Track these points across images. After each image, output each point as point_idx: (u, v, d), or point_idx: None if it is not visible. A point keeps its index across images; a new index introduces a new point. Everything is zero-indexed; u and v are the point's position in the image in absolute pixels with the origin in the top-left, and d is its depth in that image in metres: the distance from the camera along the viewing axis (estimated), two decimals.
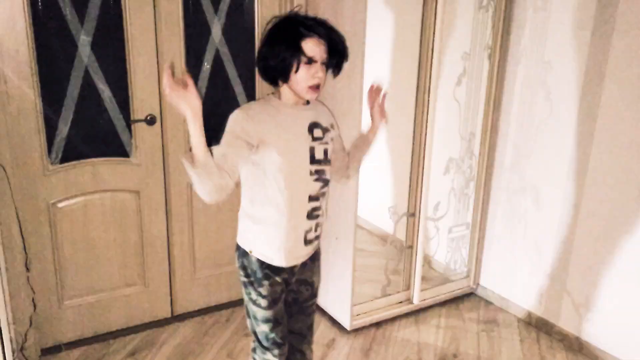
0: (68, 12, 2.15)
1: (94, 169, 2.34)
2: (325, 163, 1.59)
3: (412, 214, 2.74)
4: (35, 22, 2.10)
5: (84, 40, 2.20)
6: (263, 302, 1.63)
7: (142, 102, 2.37)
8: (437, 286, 2.93)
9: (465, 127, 2.88)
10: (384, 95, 1.73)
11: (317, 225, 1.63)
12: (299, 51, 1.41)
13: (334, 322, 2.71)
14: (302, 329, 1.79)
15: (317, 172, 1.55)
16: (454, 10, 2.71)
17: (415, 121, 2.63)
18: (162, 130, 2.45)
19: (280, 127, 1.49)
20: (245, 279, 1.64)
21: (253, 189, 1.55)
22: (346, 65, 2.41)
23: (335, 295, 2.65)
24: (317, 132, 1.56)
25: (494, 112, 2.80)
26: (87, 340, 2.49)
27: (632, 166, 2.25)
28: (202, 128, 1.33)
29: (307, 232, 1.60)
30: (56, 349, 2.42)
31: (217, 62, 2.53)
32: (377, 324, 2.71)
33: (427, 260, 2.99)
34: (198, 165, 1.34)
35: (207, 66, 2.51)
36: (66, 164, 2.29)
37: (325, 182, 1.60)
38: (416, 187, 2.69)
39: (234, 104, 2.63)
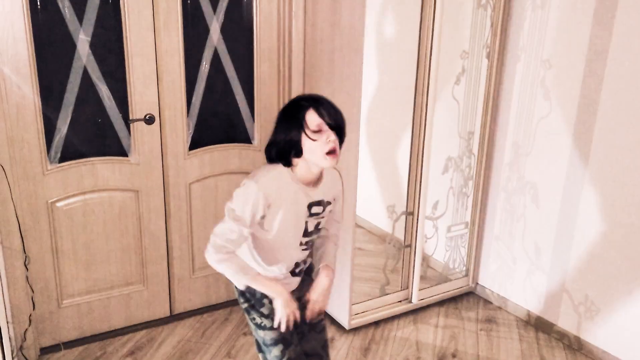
0: (67, 11, 2.16)
1: (93, 169, 2.35)
2: (316, 233, 1.63)
3: (411, 213, 2.74)
4: (34, 21, 2.11)
5: (82, 40, 2.21)
6: (268, 323, 1.61)
7: (140, 101, 2.37)
8: (435, 285, 2.93)
9: (464, 126, 2.88)
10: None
11: (304, 262, 1.67)
12: (305, 124, 1.44)
13: (332, 321, 2.71)
14: (316, 348, 1.75)
15: (306, 243, 1.61)
16: (452, 9, 2.70)
17: (413, 120, 2.63)
18: (160, 130, 2.46)
19: (285, 204, 1.51)
20: (246, 305, 1.64)
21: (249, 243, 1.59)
22: (345, 66, 2.42)
23: (334, 294, 2.63)
24: (316, 209, 1.57)
25: (493, 111, 2.80)
26: (86, 339, 2.49)
27: (631, 165, 2.25)
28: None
29: (294, 269, 1.65)
30: (55, 348, 2.42)
31: (216, 61, 2.53)
32: (376, 323, 2.71)
33: (425, 259, 2.99)
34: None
35: (205, 65, 2.51)
36: (65, 163, 2.29)
37: (311, 248, 1.67)
38: (415, 186, 2.69)
39: (232, 103, 2.64)
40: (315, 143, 1.44)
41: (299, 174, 1.51)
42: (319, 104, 1.46)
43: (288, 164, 1.50)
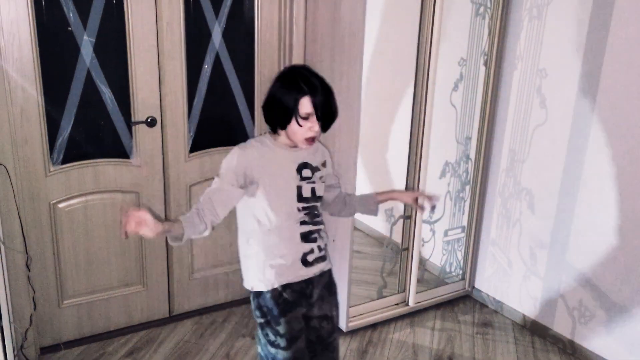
0: (71, 15, 2.19)
1: (95, 170, 2.37)
2: (314, 200, 1.64)
3: (408, 217, 2.77)
4: (39, 24, 2.14)
5: (86, 43, 2.24)
6: (282, 342, 1.61)
7: (142, 104, 2.40)
8: (432, 289, 2.96)
9: (462, 132, 2.91)
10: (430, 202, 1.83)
11: (318, 248, 1.66)
12: (297, 107, 1.50)
13: None
14: None
15: (304, 208, 1.61)
16: (451, 17, 2.74)
17: (412, 125, 2.66)
18: (162, 132, 2.49)
19: (271, 166, 1.57)
20: (262, 320, 1.64)
21: (247, 228, 1.62)
22: (343, 71, 2.45)
23: None
24: (306, 172, 1.62)
25: (490, 117, 2.84)
26: (86, 340, 2.51)
27: (625, 171, 2.28)
28: (161, 224, 1.39)
29: (305, 254, 1.63)
30: (55, 347, 2.44)
31: (217, 65, 2.56)
32: (373, 326, 2.74)
33: (422, 263, 3.02)
34: (183, 237, 1.47)
35: (207, 69, 2.54)
36: (67, 165, 2.32)
37: (316, 216, 1.65)
38: (412, 189, 2.72)
39: (232, 107, 2.67)
40: (299, 127, 1.52)
41: (282, 140, 1.59)
42: (316, 93, 1.50)
43: (274, 129, 1.59)
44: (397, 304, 2.84)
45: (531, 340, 2.69)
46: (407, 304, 2.85)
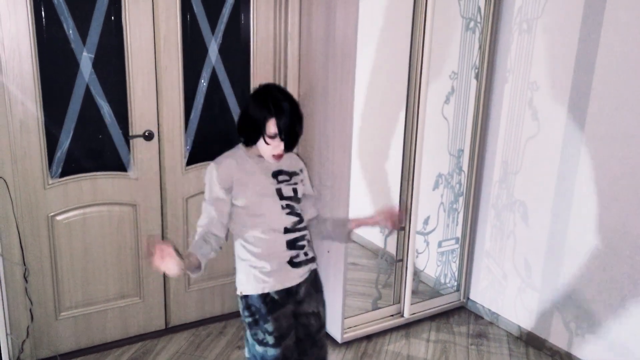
0: (71, 32, 2.24)
1: (93, 183, 2.41)
2: (296, 200, 1.72)
3: (403, 228, 2.80)
4: (39, 40, 2.19)
5: (85, 58, 2.29)
6: (271, 340, 1.65)
7: (140, 118, 2.45)
8: (427, 300, 2.97)
9: (454, 144, 2.95)
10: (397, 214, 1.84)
11: (305, 254, 1.72)
12: (265, 127, 1.60)
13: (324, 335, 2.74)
14: None
15: (288, 206, 1.69)
16: (442, 31, 2.80)
17: (405, 137, 2.70)
18: (159, 146, 2.53)
19: (248, 173, 1.66)
20: (250, 319, 1.68)
21: (238, 232, 1.70)
22: (338, 82, 2.50)
23: (327, 308, 2.68)
24: (283, 177, 1.71)
25: (482, 129, 2.88)
26: (83, 351, 2.52)
27: (618, 183, 2.31)
28: (182, 261, 1.45)
29: (292, 257, 1.69)
30: (52, 359, 2.45)
31: (214, 79, 2.62)
32: (368, 337, 2.75)
33: (417, 274, 3.03)
34: (201, 265, 1.58)
35: (203, 83, 2.60)
36: (66, 178, 2.35)
37: (299, 216, 1.71)
38: (406, 201, 2.75)
39: (229, 120, 2.72)
40: (267, 145, 1.63)
41: (255, 151, 1.69)
42: (282, 116, 1.59)
43: (246, 143, 1.69)
44: (392, 316, 2.85)
45: (526, 352, 2.70)
46: (402, 316, 2.86)
